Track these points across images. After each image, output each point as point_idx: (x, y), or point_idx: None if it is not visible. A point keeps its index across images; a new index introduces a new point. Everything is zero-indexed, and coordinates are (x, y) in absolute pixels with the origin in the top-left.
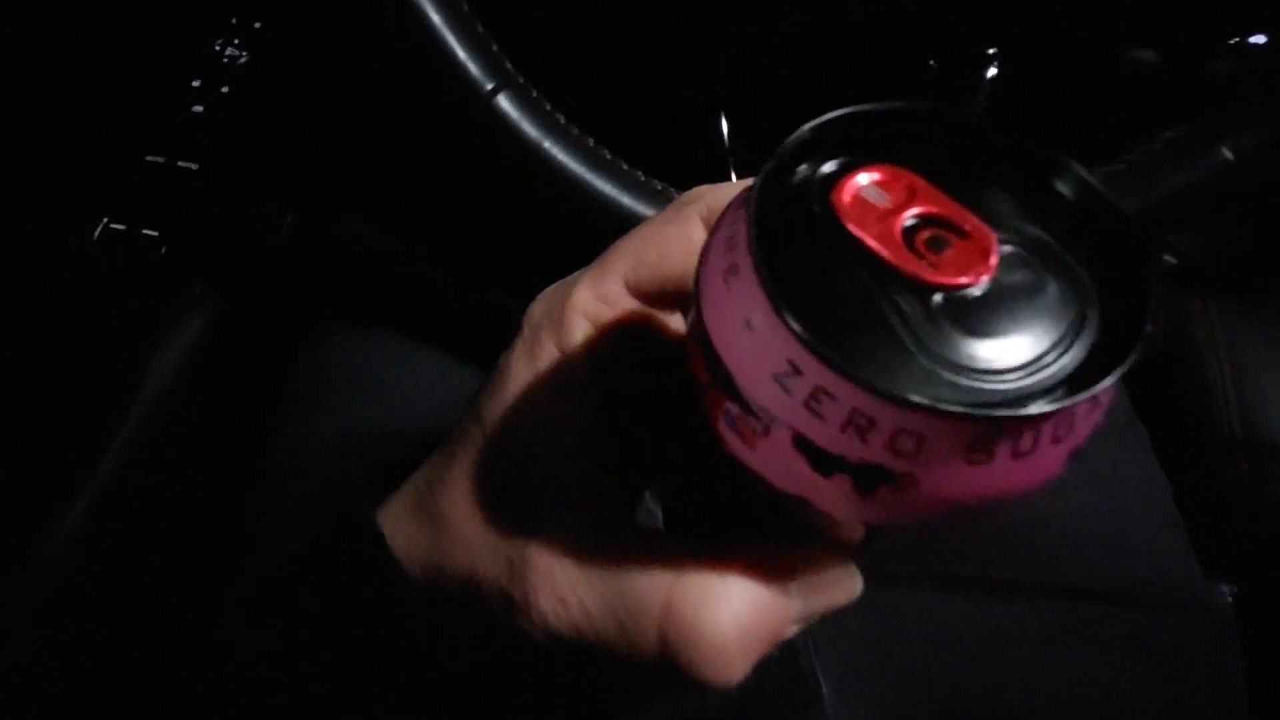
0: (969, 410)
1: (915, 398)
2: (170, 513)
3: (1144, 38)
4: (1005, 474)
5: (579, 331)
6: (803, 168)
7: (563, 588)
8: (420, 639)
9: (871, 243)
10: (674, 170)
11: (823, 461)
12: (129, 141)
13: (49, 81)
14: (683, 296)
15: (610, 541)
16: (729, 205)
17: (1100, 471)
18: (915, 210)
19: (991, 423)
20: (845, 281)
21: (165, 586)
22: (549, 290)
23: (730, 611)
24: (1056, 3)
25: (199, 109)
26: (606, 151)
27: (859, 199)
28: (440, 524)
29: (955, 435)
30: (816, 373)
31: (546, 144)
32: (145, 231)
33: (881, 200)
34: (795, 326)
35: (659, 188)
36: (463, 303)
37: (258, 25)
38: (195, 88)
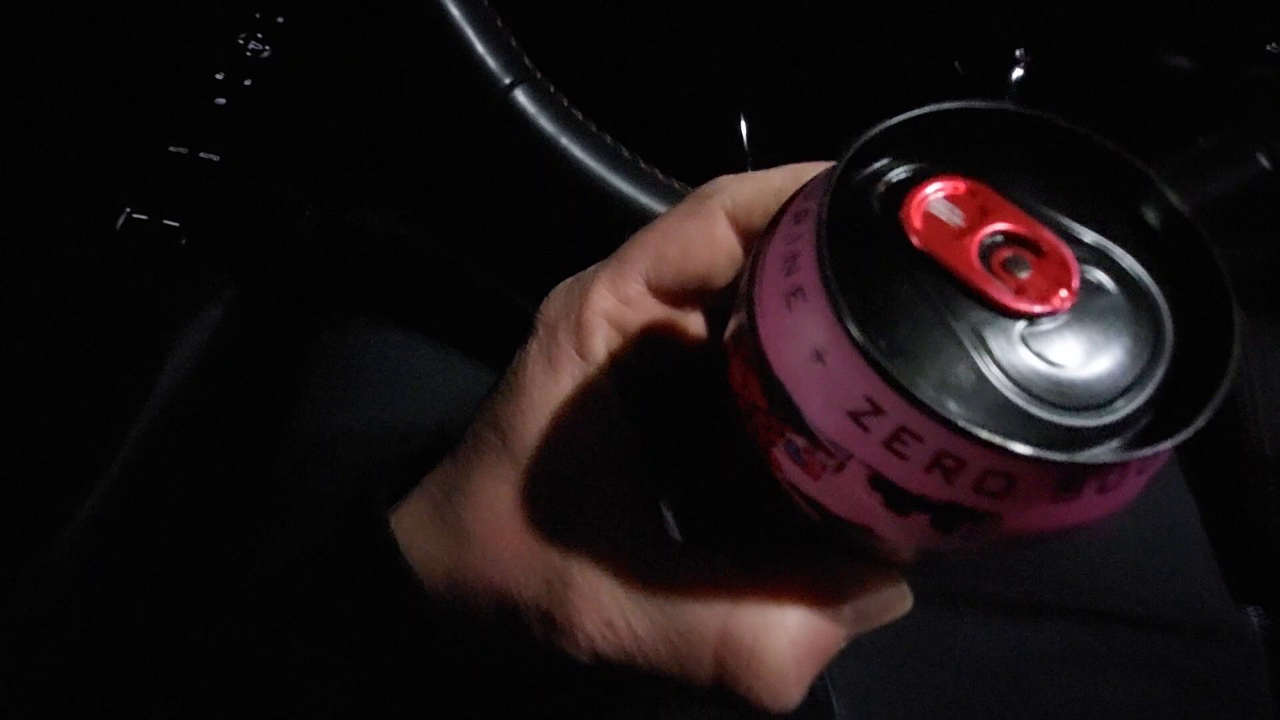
0: (1070, 458)
1: (1016, 446)
2: (186, 503)
3: (1178, 42)
4: (1089, 507)
5: (599, 336)
6: (867, 175)
7: (609, 610)
8: (432, 652)
9: (950, 266)
10: (691, 168)
11: (901, 500)
12: (152, 133)
13: (74, 73)
14: (705, 296)
15: (655, 561)
16: (782, 214)
17: None
18: (991, 228)
19: (1086, 467)
20: (923, 309)
21: (177, 582)
22: (563, 287)
23: (788, 638)
24: (1087, 4)
25: (222, 101)
26: (624, 149)
27: (930, 216)
28: (464, 537)
29: (1047, 477)
30: (901, 413)
31: (563, 140)
32: (167, 222)
33: (954, 217)
34: (880, 363)
35: (676, 186)
36: (480, 298)
37: (281, 20)
38: (219, 80)
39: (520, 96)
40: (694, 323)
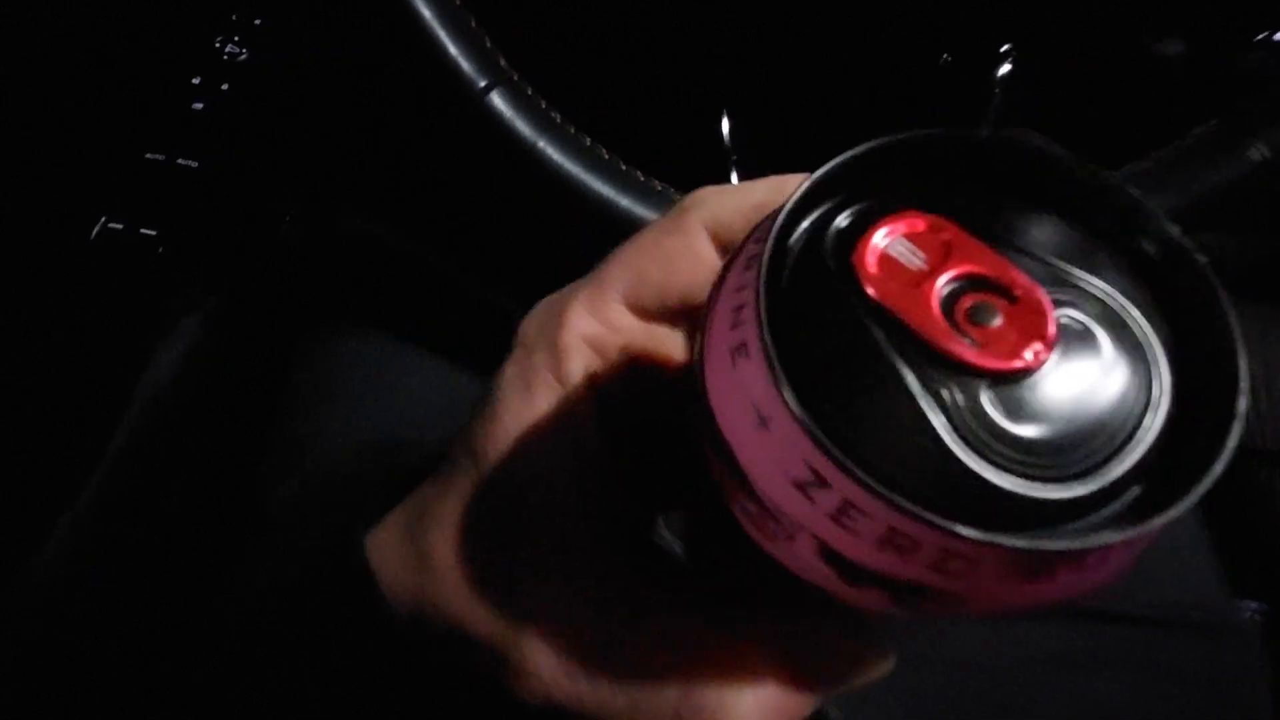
0: (1034, 545)
1: (967, 531)
2: (168, 516)
3: (1170, 29)
4: (1067, 585)
5: (577, 359)
6: (821, 215)
7: (567, 660)
8: (406, 669)
9: (905, 319)
10: (673, 169)
11: (854, 573)
12: (128, 139)
13: (48, 78)
14: (688, 313)
15: (620, 611)
16: (737, 254)
17: None
18: (954, 271)
19: (1054, 553)
20: (877, 368)
21: (161, 590)
22: (542, 306)
23: (755, 703)
24: None
25: (199, 106)
26: (603, 150)
27: (887, 258)
28: (429, 565)
29: (1011, 560)
30: (845, 487)
31: (541, 143)
32: (144, 231)
33: (913, 260)
34: (818, 434)
35: (657, 187)
36: (464, 302)
37: (258, 22)
38: (195, 85)
39: (496, 99)
40: (678, 343)
